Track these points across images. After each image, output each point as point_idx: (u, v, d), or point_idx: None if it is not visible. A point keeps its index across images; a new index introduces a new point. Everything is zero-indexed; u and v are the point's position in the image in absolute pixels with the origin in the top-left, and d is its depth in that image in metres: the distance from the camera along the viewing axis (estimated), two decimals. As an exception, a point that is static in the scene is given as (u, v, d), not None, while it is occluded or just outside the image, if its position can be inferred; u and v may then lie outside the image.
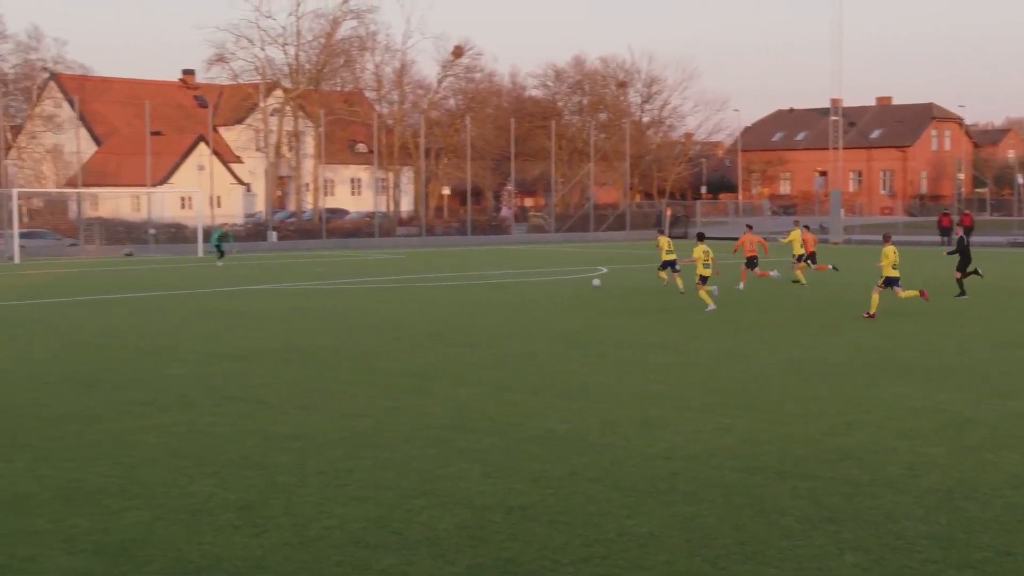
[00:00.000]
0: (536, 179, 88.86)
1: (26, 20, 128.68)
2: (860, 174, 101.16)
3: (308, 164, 74.76)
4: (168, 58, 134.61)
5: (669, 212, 65.14)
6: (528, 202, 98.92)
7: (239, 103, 74.42)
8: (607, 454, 9.97)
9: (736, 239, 38.77)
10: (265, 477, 9.22)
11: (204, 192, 56.38)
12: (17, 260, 42.21)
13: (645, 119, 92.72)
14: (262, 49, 71.29)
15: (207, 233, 48.13)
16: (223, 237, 40.66)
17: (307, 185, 76.26)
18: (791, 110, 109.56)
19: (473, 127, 70.77)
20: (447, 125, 77.50)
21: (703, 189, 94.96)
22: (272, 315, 22.56)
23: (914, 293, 21.82)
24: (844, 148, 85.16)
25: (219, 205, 63.67)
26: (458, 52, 77.46)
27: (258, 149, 74.35)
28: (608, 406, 12.28)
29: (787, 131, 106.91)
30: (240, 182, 71.33)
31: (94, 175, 64.85)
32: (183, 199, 66.59)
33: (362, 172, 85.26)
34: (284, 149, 73.77)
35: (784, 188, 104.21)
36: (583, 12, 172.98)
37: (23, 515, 8.16)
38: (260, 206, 76.11)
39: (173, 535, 7.65)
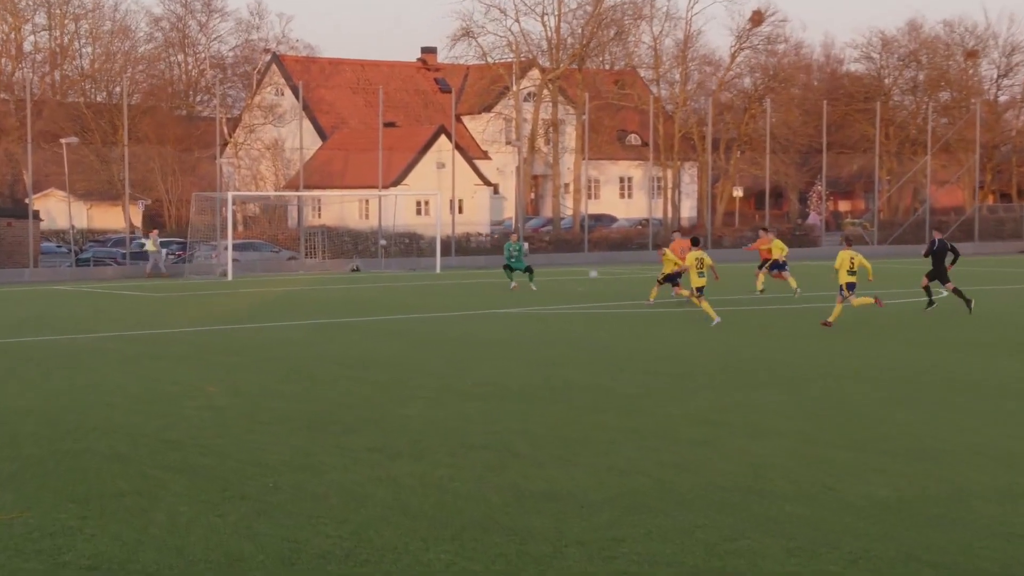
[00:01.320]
0: (854, 177, 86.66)
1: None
2: None
3: (568, 160, 75.92)
4: (405, 35, 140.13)
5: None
6: (843, 206, 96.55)
7: (487, 87, 76.57)
8: (950, 532, 9.58)
9: None
10: (514, 544, 9.40)
11: (444, 194, 58.30)
12: (230, 276, 45.05)
13: (1002, 98, 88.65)
14: (516, 21, 73.78)
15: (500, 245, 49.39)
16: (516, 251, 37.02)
17: (566, 186, 77.48)
18: None
19: (774, 112, 69.91)
20: (741, 110, 76.93)
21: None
22: (521, 344, 23.05)
23: (868, 300, 25.48)
24: None
25: (460, 210, 65.56)
26: (757, 19, 76.79)
27: (509, 142, 76.23)
28: (950, 468, 11.81)
29: None
30: (486, 182, 73.29)
31: (317, 174, 68.26)
32: (419, 203, 69.03)
33: (634, 169, 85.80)
34: (540, 142, 75.32)
35: None
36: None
37: (237, 576, 8.68)
38: (509, 211, 77.96)
39: (406, 610, 7.92)
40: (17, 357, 21.48)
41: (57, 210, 66.17)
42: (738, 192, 77.76)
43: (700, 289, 26.47)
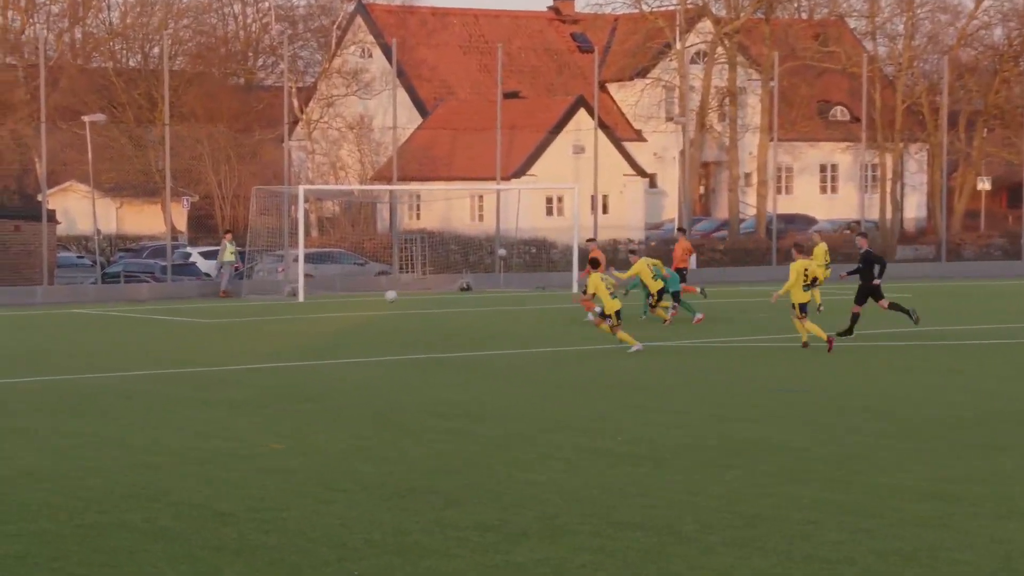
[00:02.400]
0: None
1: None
2: None
3: (750, 142, 75.49)
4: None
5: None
6: None
7: (641, 44, 76.50)
8: None
9: None
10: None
11: (583, 188, 58.30)
12: (301, 297, 45.68)
13: None
14: (681, -44, 73.19)
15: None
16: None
17: (747, 177, 77.05)
18: None
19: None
20: (989, 73, 75.68)
21: None
22: (683, 389, 23.01)
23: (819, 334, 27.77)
24: None
25: (605, 209, 65.52)
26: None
27: (670, 118, 76.02)
28: None
29: None
30: (640, 172, 73.17)
31: (416, 163, 68.71)
32: (550, 199, 69.14)
33: (839, 154, 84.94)
34: (712, 118, 75.01)
35: None
36: None
37: None
38: (671, 211, 77.75)
39: None
40: (25, 402, 22.02)
41: (78, 209, 67.71)
42: (984, 184, 76.46)
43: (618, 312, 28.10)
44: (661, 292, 34.20)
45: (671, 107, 77.58)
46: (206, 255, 56.75)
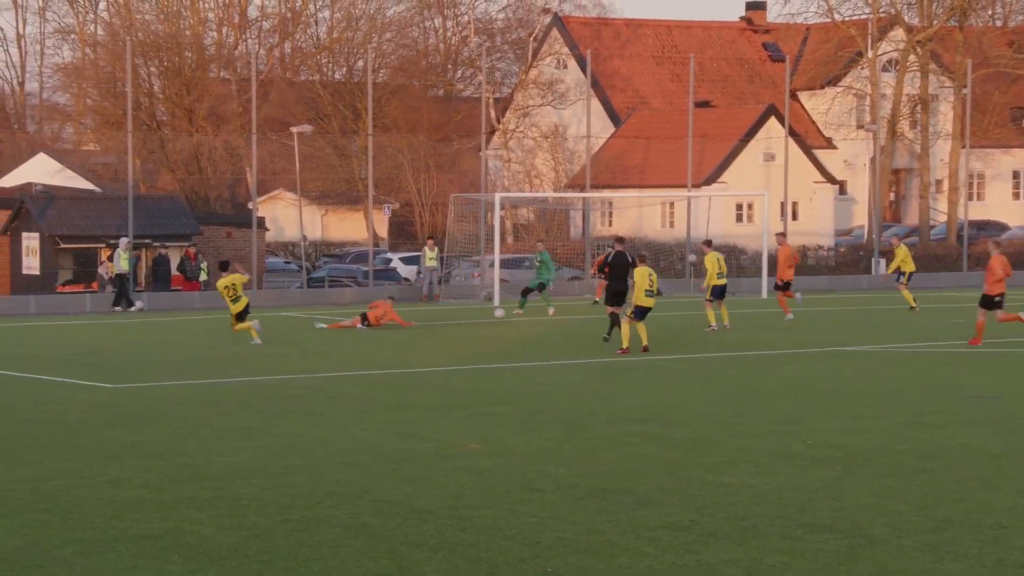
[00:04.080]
0: None
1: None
2: None
3: (941, 149, 74.35)
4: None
5: None
6: None
7: (833, 53, 75.75)
8: None
9: None
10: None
11: (774, 195, 57.96)
12: (497, 301, 45.96)
13: None
14: (873, -35, 72.32)
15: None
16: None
17: (939, 183, 75.86)
18: None
19: None
20: None
21: None
22: (876, 394, 22.76)
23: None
24: None
25: (796, 216, 65.06)
26: None
27: (861, 126, 75.22)
28: None
29: None
30: (830, 179, 72.44)
31: (608, 171, 68.85)
32: (740, 206, 68.81)
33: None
34: (903, 125, 73.98)
35: None
36: None
37: None
38: (861, 218, 76.84)
39: None
40: (233, 403, 22.50)
41: (285, 217, 69.09)
42: None
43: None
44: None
45: (862, 115, 76.62)
46: (406, 260, 57.42)
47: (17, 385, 25.13)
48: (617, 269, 31.58)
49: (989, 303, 30.31)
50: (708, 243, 36.88)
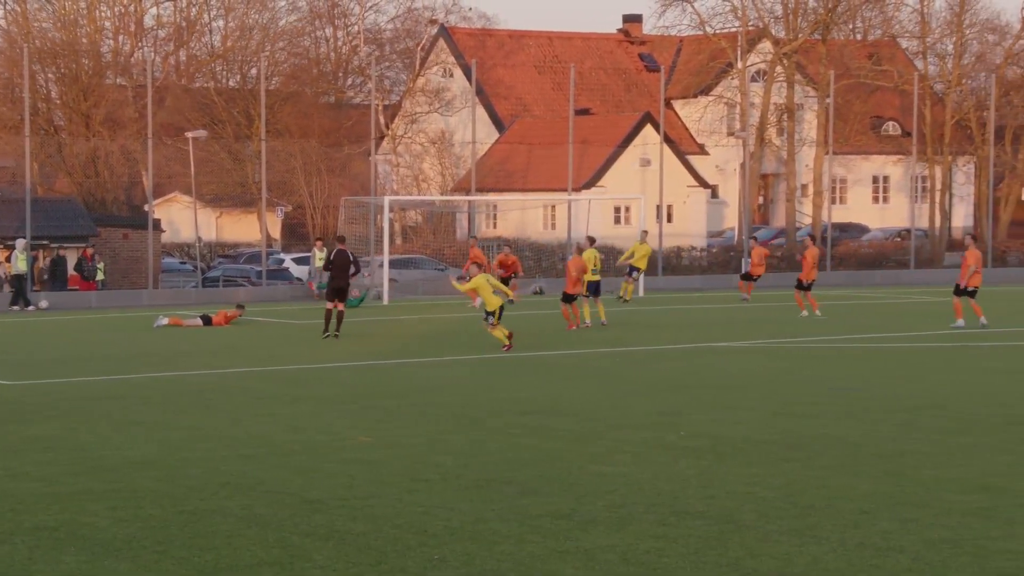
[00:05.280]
0: None
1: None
2: None
3: (807, 155, 75.24)
4: (604, 2, 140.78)
5: None
6: None
7: (705, 64, 76.51)
8: None
9: None
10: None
11: (649, 199, 58.34)
12: (386, 300, 45.90)
13: None
14: (742, -20, 73.04)
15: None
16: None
17: (804, 188, 76.77)
18: None
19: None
20: (1033, 90, 75.07)
21: None
22: (745, 388, 22.97)
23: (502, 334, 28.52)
24: None
25: (670, 219, 65.50)
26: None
27: (731, 133, 75.90)
28: None
29: None
30: (703, 184, 73.02)
31: (493, 175, 68.97)
32: (618, 209, 69.18)
33: (891, 167, 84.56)
34: (771, 132, 74.82)
35: None
36: None
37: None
38: (732, 220, 77.59)
39: None
40: (133, 398, 22.27)
41: (181, 219, 68.45)
42: (1029, 195, 75.92)
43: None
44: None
45: (732, 122, 77.36)
46: (298, 261, 57.15)
47: (-83, 382, 24.68)
48: (338, 267, 32.12)
49: (962, 292, 33.10)
50: (592, 240, 37.17)
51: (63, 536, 12.39)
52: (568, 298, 34.03)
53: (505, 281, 38.66)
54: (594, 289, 35.09)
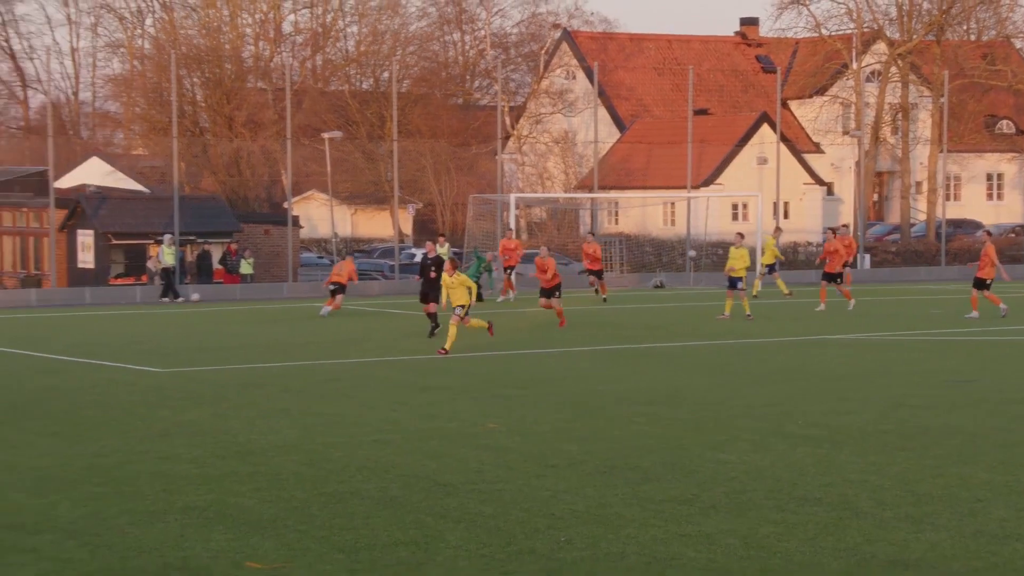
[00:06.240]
0: None
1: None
2: None
3: (921, 153, 74.24)
4: (722, 4, 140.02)
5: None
6: None
7: (820, 65, 75.62)
8: None
9: None
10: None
11: (766, 196, 57.91)
12: (512, 295, 46.01)
13: None
14: (860, -15, 72.26)
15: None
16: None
17: (918, 185, 75.77)
18: None
19: None
20: None
21: None
22: (861, 379, 22.75)
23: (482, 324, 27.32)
24: None
25: (786, 215, 64.98)
26: None
27: (846, 132, 75.10)
28: None
29: None
30: (818, 181, 72.33)
31: (614, 173, 68.87)
32: (736, 206, 68.76)
33: (1005, 164, 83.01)
34: (885, 131, 73.88)
35: None
36: None
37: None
38: (847, 216, 76.74)
39: None
40: (274, 386, 22.57)
41: (318, 215, 69.08)
42: None
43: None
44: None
45: (847, 122, 76.48)
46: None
47: (74, 370, 25.24)
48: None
49: (980, 284, 32.99)
50: (741, 236, 37.16)
51: (212, 515, 12.64)
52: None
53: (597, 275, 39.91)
54: (734, 283, 34.91)
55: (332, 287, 36.86)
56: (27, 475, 14.70)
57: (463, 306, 26.77)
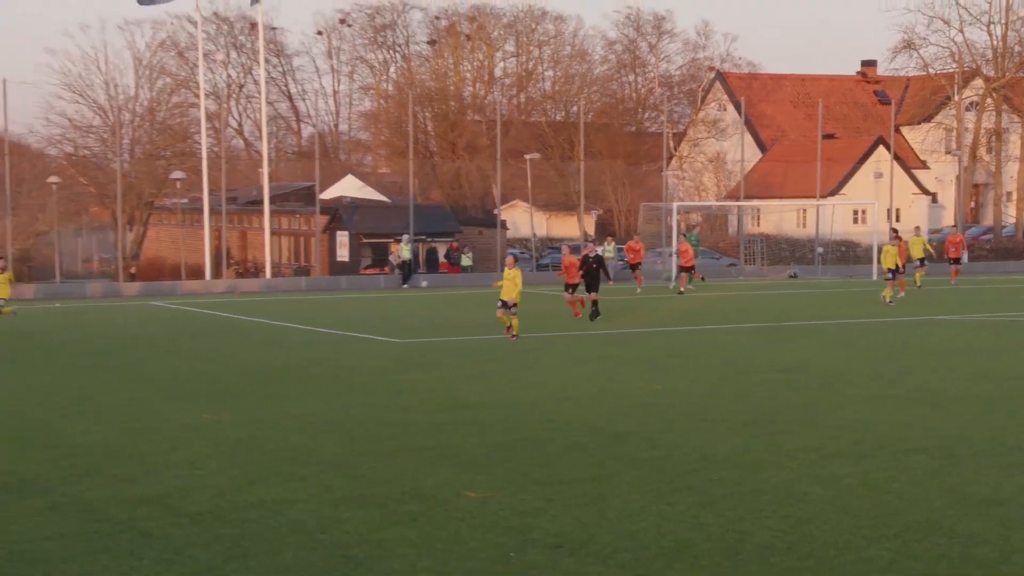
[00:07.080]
0: None
1: (696, 16, 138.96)
2: None
3: (1011, 168, 71.76)
4: (846, 49, 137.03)
5: None
6: None
7: (927, 97, 73.58)
8: None
9: None
10: (958, 547, 9.17)
11: (881, 203, 56.56)
12: (673, 283, 45.61)
13: None
14: (960, 31, 69.96)
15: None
16: None
17: (1008, 194, 73.21)
18: None
19: None
20: None
21: None
22: (961, 353, 22.07)
23: None
24: None
25: (898, 218, 63.49)
26: None
27: (948, 152, 72.95)
28: None
29: None
30: (924, 191, 70.45)
31: (757, 186, 68.06)
32: (856, 212, 67.42)
33: (1082, 176, 79.68)
34: (981, 151, 71.54)
35: None
36: None
37: (686, 566, 8.89)
38: (948, 219, 74.49)
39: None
40: (483, 354, 22.74)
41: (520, 220, 69.47)
42: None
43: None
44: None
45: (950, 143, 74.26)
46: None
47: (331, 340, 25.79)
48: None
49: None
50: (895, 232, 36.00)
51: (436, 456, 12.79)
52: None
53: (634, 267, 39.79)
54: (893, 274, 33.50)
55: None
56: (299, 420, 15.06)
57: (516, 303, 24.55)
